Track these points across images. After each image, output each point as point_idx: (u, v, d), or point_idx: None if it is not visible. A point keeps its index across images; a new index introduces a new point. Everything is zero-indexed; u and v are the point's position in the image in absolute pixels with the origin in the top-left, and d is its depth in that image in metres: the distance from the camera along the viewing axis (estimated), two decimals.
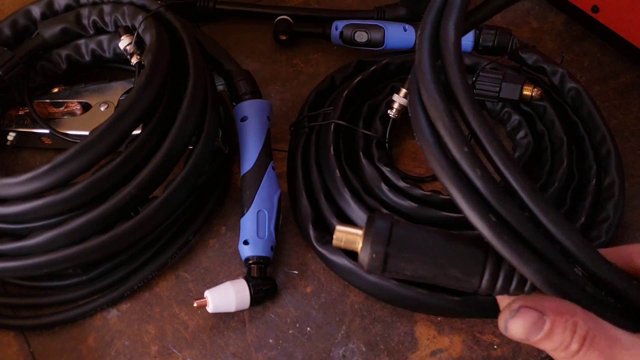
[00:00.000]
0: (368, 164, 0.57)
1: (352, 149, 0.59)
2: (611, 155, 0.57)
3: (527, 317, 0.30)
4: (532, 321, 0.30)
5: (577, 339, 0.30)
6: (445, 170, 0.32)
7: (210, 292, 0.52)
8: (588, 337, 0.30)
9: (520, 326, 0.30)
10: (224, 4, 0.74)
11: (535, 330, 0.30)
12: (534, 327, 0.30)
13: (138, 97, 0.51)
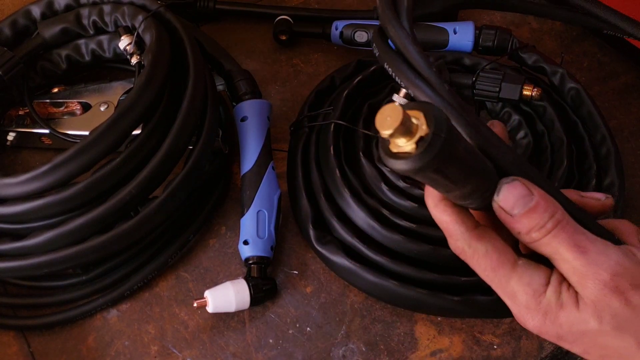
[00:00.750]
0: (368, 164, 0.57)
1: (352, 149, 0.59)
2: (611, 155, 0.57)
3: (520, 189, 0.33)
4: (523, 194, 0.33)
5: (553, 221, 0.33)
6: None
7: (210, 292, 0.52)
8: (562, 222, 0.34)
9: (511, 194, 0.33)
10: (224, 4, 0.74)
11: (522, 202, 0.33)
12: (522, 199, 0.33)
13: (138, 97, 0.51)
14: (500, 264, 0.35)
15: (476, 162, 0.32)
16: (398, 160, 0.29)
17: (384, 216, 0.54)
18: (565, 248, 0.33)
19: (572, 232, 0.34)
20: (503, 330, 0.53)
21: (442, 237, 0.52)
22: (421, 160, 0.28)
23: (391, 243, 0.53)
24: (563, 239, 0.33)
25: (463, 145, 0.31)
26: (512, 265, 0.35)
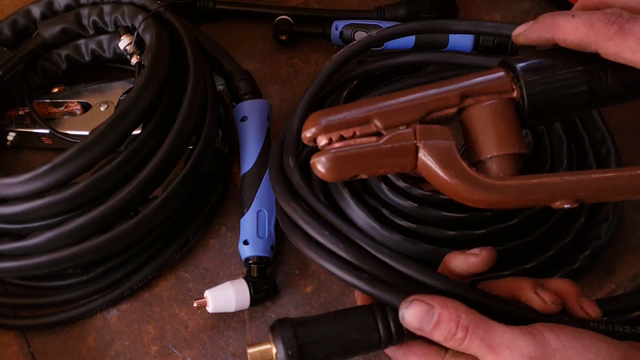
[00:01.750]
0: None
1: None
2: (611, 154, 0.57)
3: (419, 308, 0.36)
4: (424, 311, 0.36)
5: (461, 328, 0.35)
6: (320, 255, 0.40)
7: (210, 292, 0.52)
8: (470, 326, 0.35)
9: (413, 315, 0.36)
10: (224, 4, 0.74)
11: (427, 319, 0.36)
12: (425, 316, 0.36)
13: (138, 97, 0.51)
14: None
15: (347, 344, 0.38)
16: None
17: (384, 216, 0.54)
18: (483, 352, 0.36)
19: (483, 335, 0.35)
20: None
21: (442, 237, 0.52)
22: None
23: (391, 243, 0.53)
24: (477, 345, 0.35)
25: (321, 344, 0.38)
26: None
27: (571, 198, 0.36)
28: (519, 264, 0.51)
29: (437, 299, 0.36)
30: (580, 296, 0.40)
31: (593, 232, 0.53)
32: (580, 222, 0.53)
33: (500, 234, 0.52)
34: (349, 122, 0.36)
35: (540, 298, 0.39)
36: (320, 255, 0.40)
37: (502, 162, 0.37)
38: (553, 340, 0.36)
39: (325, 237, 0.40)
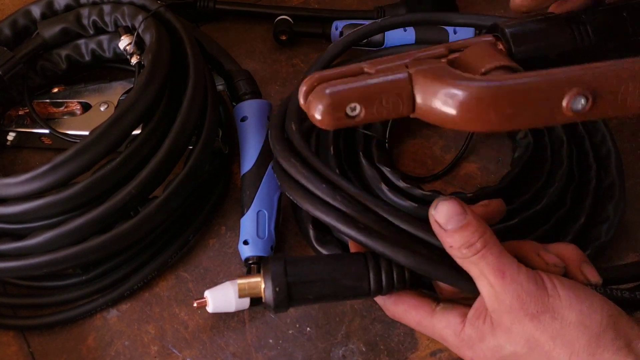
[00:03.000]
0: (368, 164, 0.57)
1: (352, 149, 0.59)
2: (611, 155, 0.57)
3: (454, 206, 0.38)
4: (457, 212, 0.37)
5: (481, 242, 0.37)
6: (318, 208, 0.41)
7: (210, 292, 0.52)
8: (488, 244, 0.37)
9: (445, 211, 0.38)
10: (224, 4, 0.74)
11: (456, 219, 0.37)
12: (456, 217, 0.37)
13: (138, 97, 0.51)
14: (421, 316, 0.41)
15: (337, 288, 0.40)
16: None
17: None
18: (490, 271, 0.37)
19: (498, 255, 0.37)
20: None
21: None
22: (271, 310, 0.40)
23: None
24: (489, 262, 0.37)
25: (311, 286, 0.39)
26: (431, 313, 0.41)
27: (578, 88, 0.32)
28: None
29: (472, 211, 0.38)
30: (583, 262, 0.40)
31: (593, 232, 0.53)
32: (580, 222, 0.53)
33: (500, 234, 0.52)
34: (342, 73, 0.36)
35: (543, 260, 0.39)
36: (318, 208, 0.41)
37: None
38: (550, 287, 0.37)
39: (323, 190, 0.41)
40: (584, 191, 0.55)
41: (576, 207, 0.55)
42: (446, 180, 0.61)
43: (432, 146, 0.63)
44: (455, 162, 0.61)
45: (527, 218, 0.53)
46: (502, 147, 0.63)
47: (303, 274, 0.40)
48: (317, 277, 0.40)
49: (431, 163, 0.62)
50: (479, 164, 0.62)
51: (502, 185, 0.56)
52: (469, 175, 0.61)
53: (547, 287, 0.37)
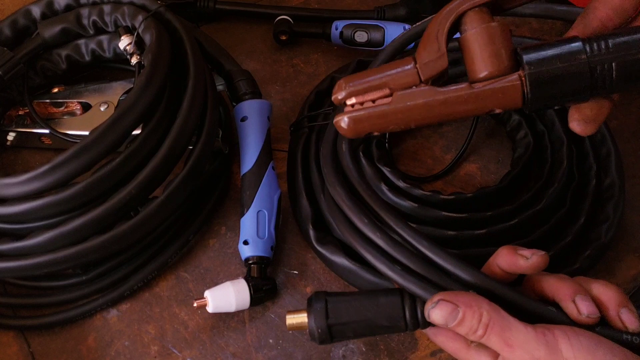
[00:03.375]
0: (368, 164, 0.57)
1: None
2: (611, 155, 0.56)
3: (445, 308, 0.38)
4: (449, 311, 0.38)
5: (482, 326, 0.38)
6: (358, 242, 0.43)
7: (210, 292, 0.52)
8: (490, 324, 0.37)
9: (439, 315, 0.39)
10: (224, 4, 0.74)
11: (451, 318, 0.38)
12: (450, 315, 0.38)
13: (138, 97, 0.51)
14: (458, 348, 0.42)
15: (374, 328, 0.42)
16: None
17: None
18: (499, 347, 0.38)
19: (500, 331, 0.37)
20: None
21: (442, 237, 0.52)
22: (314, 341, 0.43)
23: None
24: (495, 341, 0.38)
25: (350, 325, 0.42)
26: (467, 347, 0.42)
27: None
28: None
29: (462, 298, 0.38)
30: (623, 306, 0.38)
31: (593, 233, 0.53)
32: (580, 222, 0.53)
33: (500, 234, 0.52)
34: (368, 88, 0.41)
35: (577, 309, 0.38)
36: (359, 242, 0.42)
37: None
38: (565, 349, 0.36)
39: (365, 224, 0.42)
40: (584, 191, 0.55)
41: (576, 208, 0.55)
42: (446, 180, 0.61)
43: (432, 146, 0.63)
44: (455, 162, 0.61)
45: (527, 218, 0.53)
46: (502, 147, 0.63)
47: (342, 315, 0.42)
48: (356, 318, 0.42)
49: (431, 163, 0.62)
50: (479, 164, 0.62)
51: (502, 185, 0.56)
52: (469, 175, 0.61)
53: (562, 349, 0.36)
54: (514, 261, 0.40)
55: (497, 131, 0.64)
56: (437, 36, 0.39)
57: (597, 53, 0.37)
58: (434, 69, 0.39)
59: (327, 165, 0.47)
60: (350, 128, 0.41)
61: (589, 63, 0.37)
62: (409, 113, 0.40)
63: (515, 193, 0.56)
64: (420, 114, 0.40)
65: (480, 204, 0.55)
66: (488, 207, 0.54)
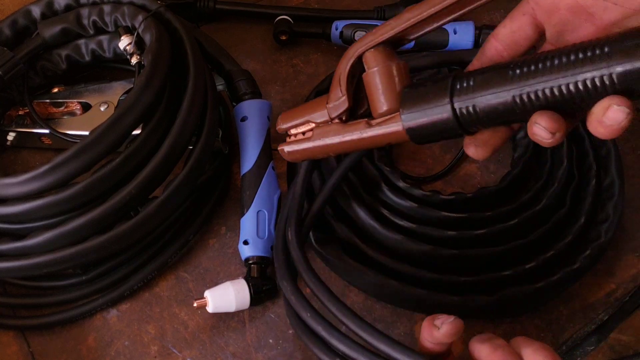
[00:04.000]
0: (368, 164, 0.57)
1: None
2: (611, 155, 0.56)
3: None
4: None
5: None
6: (304, 333, 0.44)
7: (210, 292, 0.52)
8: None
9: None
10: (224, 4, 0.74)
11: None
12: None
13: (138, 97, 0.51)
14: None
15: None
16: None
17: (384, 216, 0.54)
18: None
19: None
20: (503, 330, 0.53)
21: (442, 237, 0.52)
22: None
23: (391, 243, 0.53)
24: None
25: None
26: None
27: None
28: (519, 264, 0.51)
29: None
30: None
31: (593, 232, 0.53)
32: (580, 222, 0.53)
33: (500, 234, 0.52)
34: (298, 124, 0.47)
35: None
36: (304, 333, 0.44)
37: None
38: None
39: (309, 317, 0.43)
40: (584, 191, 0.55)
41: (576, 207, 0.55)
42: (446, 180, 0.61)
43: (432, 146, 0.63)
44: (455, 162, 0.61)
45: (527, 218, 0.53)
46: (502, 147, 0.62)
47: None
48: None
49: (431, 163, 0.62)
50: (479, 163, 0.62)
51: (502, 185, 0.56)
52: (469, 175, 0.61)
53: None
54: (432, 333, 0.39)
55: None
56: (340, 80, 0.43)
57: (461, 98, 0.38)
58: (338, 110, 0.43)
59: (277, 259, 0.49)
60: (288, 156, 0.48)
61: (453, 110, 0.38)
62: (325, 146, 0.46)
63: (515, 193, 0.56)
64: (333, 147, 0.45)
65: (480, 204, 0.55)
66: (488, 207, 0.54)
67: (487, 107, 0.37)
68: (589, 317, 0.53)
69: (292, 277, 0.46)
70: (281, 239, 0.50)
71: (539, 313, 0.53)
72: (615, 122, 0.34)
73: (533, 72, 0.35)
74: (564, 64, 0.34)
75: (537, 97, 0.35)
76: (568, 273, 0.51)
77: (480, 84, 0.37)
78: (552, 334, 0.52)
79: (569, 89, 0.34)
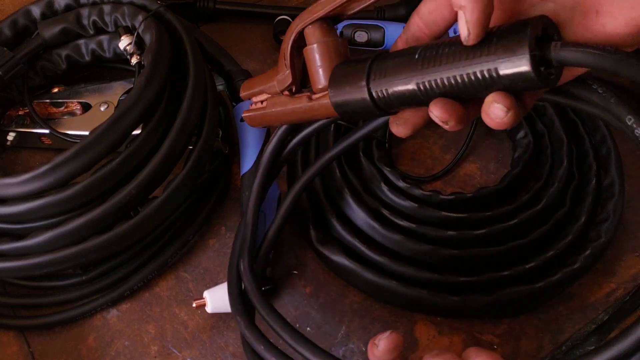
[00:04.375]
0: (368, 164, 0.57)
1: (352, 149, 0.59)
2: (611, 155, 0.56)
3: None
4: None
5: None
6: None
7: (209, 292, 0.52)
8: None
9: None
10: (224, 4, 0.74)
11: None
12: None
13: (138, 97, 0.51)
14: None
15: None
16: None
17: (384, 216, 0.54)
18: None
19: None
20: (502, 330, 0.53)
21: (442, 237, 0.52)
22: None
23: (391, 243, 0.53)
24: None
25: None
26: None
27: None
28: (519, 264, 0.51)
29: None
30: None
31: (593, 232, 0.53)
32: (580, 222, 0.53)
33: (500, 234, 0.52)
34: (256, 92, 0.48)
35: None
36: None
37: None
38: None
39: (261, 351, 0.44)
40: (584, 191, 0.55)
41: (576, 207, 0.55)
42: (446, 180, 0.61)
43: (432, 146, 0.63)
44: (455, 162, 0.61)
45: (527, 218, 0.53)
46: (502, 147, 0.63)
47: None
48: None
49: (431, 163, 0.62)
50: (479, 164, 0.62)
51: (501, 185, 0.56)
52: (469, 175, 0.61)
53: None
54: (373, 352, 0.39)
55: (497, 131, 0.64)
56: (284, 55, 0.43)
57: (376, 82, 0.38)
58: (283, 84, 0.44)
59: (231, 293, 0.49)
60: (249, 122, 0.50)
61: (369, 93, 0.39)
62: (276, 116, 0.47)
63: (515, 193, 0.56)
64: (283, 117, 0.46)
65: (480, 204, 0.55)
66: (488, 207, 0.54)
67: (396, 93, 0.38)
68: (589, 317, 0.53)
69: (246, 312, 0.47)
70: (234, 271, 0.50)
71: (538, 313, 0.53)
72: (497, 117, 0.34)
73: (433, 60, 0.35)
74: (458, 54, 0.34)
75: (437, 85, 0.35)
76: (568, 273, 0.51)
77: (391, 70, 0.38)
78: (551, 334, 0.52)
79: (464, 80, 0.34)
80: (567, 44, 0.32)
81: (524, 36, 0.31)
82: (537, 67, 0.31)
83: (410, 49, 0.38)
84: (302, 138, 0.53)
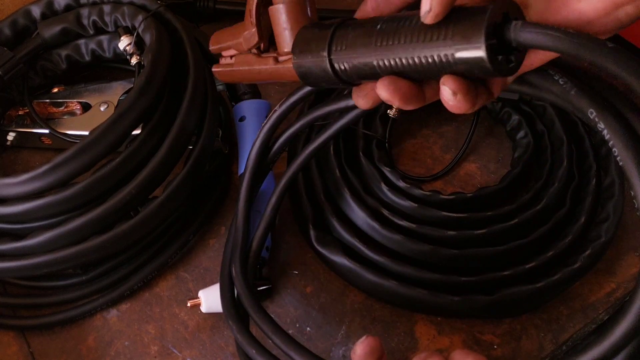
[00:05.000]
0: (368, 164, 0.57)
1: (352, 149, 0.59)
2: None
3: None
4: None
5: None
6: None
7: (203, 292, 0.52)
8: None
9: None
10: (224, 4, 0.74)
11: None
12: None
13: (138, 97, 0.51)
14: None
15: None
16: None
17: (384, 216, 0.54)
18: None
19: None
20: (503, 330, 0.53)
21: (442, 237, 0.52)
22: None
23: (391, 243, 0.53)
24: None
25: None
26: None
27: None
28: (519, 263, 0.51)
29: None
30: None
31: (593, 232, 0.53)
32: (580, 222, 0.53)
33: (500, 234, 0.52)
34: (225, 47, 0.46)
35: None
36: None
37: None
38: None
39: (254, 355, 0.44)
40: (584, 191, 0.55)
41: (576, 207, 0.55)
42: (446, 180, 0.61)
43: (432, 146, 0.63)
44: (456, 162, 0.61)
45: (527, 218, 0.53)
46: (502, 147, 0.63)
47: None
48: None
49: (431, 163, 0.62)
50: (479, 163, 0.62)
51: (502, 185, 0.56)
52: (469, 175, 0.61)
53: None
54: (353, 358, 0.38)
55: (497, 131, 0.64)
56: (250, 12, 0.42)
57: (337, 54, 0.38)
58: (249, 43, 0.42)
59: (223, 298, 0.49)
60: (219, 77, 0.48)
61: (330, 65, 0.38)
62: (245, 74, 0.45)
63: (515, 193, 0.56)
64: (251, 76, 0.44)
65: (480, 204, 0.55)
66: (488, 207, 0.54)
67: (356, 67, 0.37)
68: (590, 316, 0.53)
69: (239, 317, 0.47)
70: (227, 276, 0.50)
71: (539, 313, 0.53)
72: (447, 100, 0.34)
73: (392, 37, 0.35)
74: (416, 33, 0.33)
75: (394, 64, 0.35)
76: (568, 273, 0.51)
77: (351, 44, 0.37)
78: (552, 334, 0.52)
79: (421, 61, 0.33)
80: (527, 24, 0.30)
81: (481, 23, 0.30)
82: (494, 56, 0.30)
83: (372, 20, 0.37)
84: (288, 137, 0.52)
